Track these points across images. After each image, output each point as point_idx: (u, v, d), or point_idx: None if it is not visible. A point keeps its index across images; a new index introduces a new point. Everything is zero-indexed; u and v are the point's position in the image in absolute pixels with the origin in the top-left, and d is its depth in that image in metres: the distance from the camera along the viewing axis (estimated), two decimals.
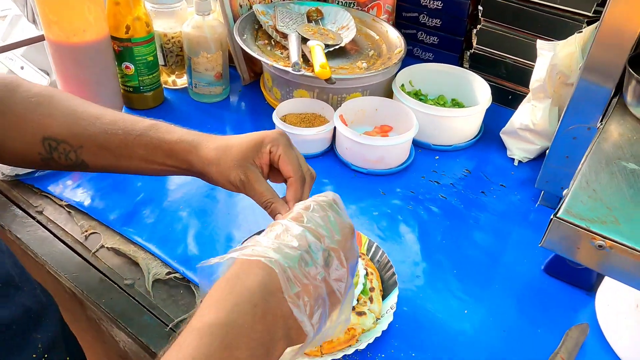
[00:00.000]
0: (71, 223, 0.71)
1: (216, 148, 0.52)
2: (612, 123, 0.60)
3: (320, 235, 0.39)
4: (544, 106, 0.83)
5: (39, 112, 0.55)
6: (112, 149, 0.55)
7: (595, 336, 0.60)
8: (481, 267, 0.69)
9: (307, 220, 0.39)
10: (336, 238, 0.39)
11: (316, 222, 0.39)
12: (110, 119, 0.55)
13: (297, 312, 0.36)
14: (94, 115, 0.55)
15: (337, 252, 0.39)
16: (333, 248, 0.39)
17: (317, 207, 0.41)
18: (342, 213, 0.42)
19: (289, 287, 0.36)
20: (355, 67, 0.94)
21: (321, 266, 0.38)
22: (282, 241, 0.38)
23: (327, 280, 0.38)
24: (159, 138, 0.54)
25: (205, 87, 0.97)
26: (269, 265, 0.36)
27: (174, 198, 0.77)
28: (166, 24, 0.97)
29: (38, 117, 0.55)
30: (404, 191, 0.81)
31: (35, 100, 0.55)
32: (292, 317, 0.36)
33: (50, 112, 0.55)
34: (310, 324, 0.37)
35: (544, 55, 0.80)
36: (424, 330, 0.60)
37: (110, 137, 0.54)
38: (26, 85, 0.57)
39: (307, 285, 0.37)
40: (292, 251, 0.37)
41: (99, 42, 0.82)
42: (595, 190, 0.49)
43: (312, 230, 0.39)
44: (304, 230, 0.38)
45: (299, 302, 0.36)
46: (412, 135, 0.83)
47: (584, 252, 0.46)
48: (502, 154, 0.91)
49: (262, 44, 0.98)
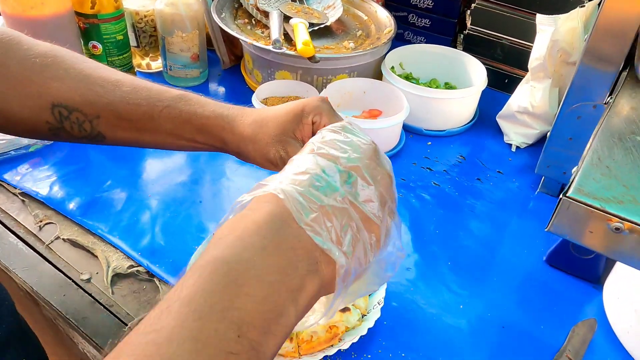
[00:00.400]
0: (24, 213, 0.64)
1: (252, 123, 0.46)
2: (623, 97, 0.54)
3: (334, 157, 0.33)
4: (543, 87, 0.78)
5: (45, 75, 0.47)
6: (134, 121, 0.48)
7: (603, 332, 0.54)
8: (478, 258, 0.63)
9: (317, 147, 0.34)
10: (354, 156, 0.33)
11: (328, 145, 0.34)
12: (130, 87, 0.48)
13: (319, 240, 0.30)
14: (111, 81, 0.48)
15: (358, 169, 0.33)
16: (353, 166, 0.33)
17: (328, 133, 0.35)
18: (358, 133, 0.36)
19: (302, 212, 0.30)
20: (342, 47, 0.88)
21: (340, 187, 0.32)
22: (290, 173, 0.32)
23: (352, 202, 0.32)
24: (189, 111, 0.47)
25: (181, 69, 0.90)
26: (278, 196, 0.31)
27: (143, 184, 0.70)
28: (138, 2, 0.90)
29: (44, 80, 0.47)
30: (395, 178, 0.75)
31: (39, 60, 0.47)
32: (317, 248, 0.30)
33: (59, 74, 0.47)
34: (340, 251, 0.31)
35: (544, 31, 0.75)
36: (415, 328, 0.53)
37: (132, 108, 0.47)
38: (28, 43, 0.49)
39: (325, 208, 0.31)
40: (301, 176, 0.32)
41: (60, 16, 0.75)
42: (609, 167, 0.43)
43: (324, 154, 0.33)
44: (315, 156, 0.33)
45: (320, 228, 0.30)
46: (402, 118, 0.77)
47: (597, 237, 0.40)
48: (498, 140, 0.85)
49: (242, 23, 0.91)
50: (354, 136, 0.35)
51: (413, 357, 0.51)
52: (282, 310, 0.28)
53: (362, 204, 0.32)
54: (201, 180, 0.72)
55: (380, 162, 0.35)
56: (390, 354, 0.51)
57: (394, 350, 0.51)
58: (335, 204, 0.31)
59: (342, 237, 0.31)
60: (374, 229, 0.33)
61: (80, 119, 0.48)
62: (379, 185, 0.33)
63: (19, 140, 0.71)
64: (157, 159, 0.75)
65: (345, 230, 0.31)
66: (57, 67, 0.48)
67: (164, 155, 0.76)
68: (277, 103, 0.82)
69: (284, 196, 0.31)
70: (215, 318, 0.26)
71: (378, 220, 0.33)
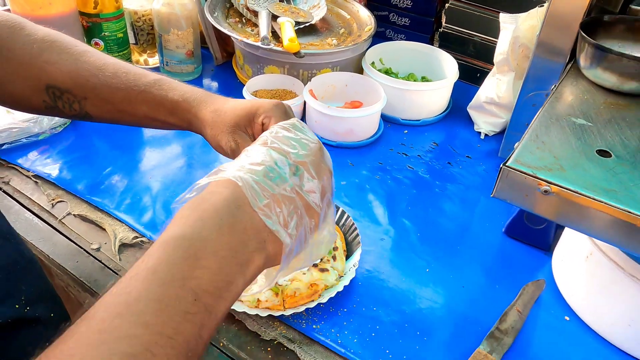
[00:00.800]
0: (38, 192, 0.71)
1: (213, 111, 0.51)
2: (566, 86, 0.62)
3: (285, 152, 0.39)
4: (507, 79, 0.86)
5: (42, 59, 0.53)
6: (115, 103, 0.53)
7: (551, 291, 0.62)
8: (444, 231, 0.71)
9: (270, 142, 0.39)
10: (302, 153, 0.39)
11: (280, 141, 0.39)
12: (112, 72, 0.53)
13: (270, 222, 0.35)
14: (96, 66, 0.53)
15: (304, 164, 0.39)
16: (300, 162, 0.39)
17: (280, 129, 0.41)
18: (306, 131, 0.42)
19: (256, 198, 0.35)
20: (325, 44, 0.96)
21: (290, 178, 0.37)
22: (246, 162, 0.38)
23: (299, 192, 0.37)
24: (161, 96, 0.52)
25: (176, 65, 0.97)
26: (235, 182, 0.35)
27: (144, 169, 0.77)
28: (137, 2, 0.97)
29: (41, 64, 0.53)
30: (373, 162, 0.83)
31: (37, 46, 0.53)
32: (266, 230, 0.35)
33: (53, 59, 0.53)
34: (286, 233, 0.36)
35: (506, 29, 0.82)
36: (386, 287, 0.61)
37: (113, 91, 0.53)
38: (30, 28, 0.55)
39: (276, 195, 0.36)
40: (256, 167, 0.37)
41: (66, 15, 0.82)
42: (544, 142, 0.51)
43: (277, 148, 0.39)
44: (268, 149, 0.39)
45: (270, 213, 0.35)
46: (380, 107, 0.84)
47: (531, 199, 0.48)
48: (469, 128, 0.93)
49: (233, 22, 0.98)
50: (303, 134, 0.41)
51: (383, 310, 0.58)
52: (232, 280, 0.33)
53: (306, 194, 0.38)
54: (196, 164, 0.79)
55: (324, 159, 0.41)
56: (363, 308, 0.58)
57: (367, 305, 0.58)
58: (284, 192, 0.36)
59: (288, 221, 0.36)
60: (314, 215, 0.39)
61: (70, 100, 0.54)
62: (322, 179, 0.39)
63: (29, 129, 0.78)
64: (156, 147, 0.82)
65: (292, 216, 0.37)
66: (52, 51, 0.53)
67: (161, 144, 0.83)
68: (266, 95, 0.89)
69: (242, 183, 0.35)
70: (177, 285, 0.30)
71: (318, 209, 0.39)
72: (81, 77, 0.53)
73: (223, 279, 0.33)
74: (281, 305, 0.56)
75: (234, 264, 0.33)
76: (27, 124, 0.77)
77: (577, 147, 0.51)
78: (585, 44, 0.60)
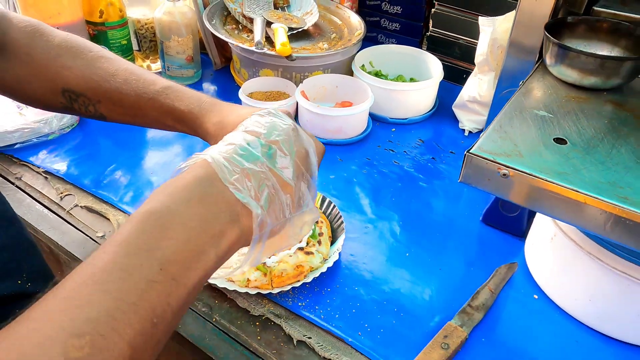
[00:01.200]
0: (48, 187, 0.76)
1: (216, 123, 0.53)
2: (533, 82, 0.67)
3: (258, 133, 0.41)
4: (488, 79, 0.91)
5: (59, 63, 0.57)
6: (126, 108, 0.57)
7: (522, 273, 0.67)
8: (427, 220, 0.75)
9: (245, 127, 0.42)
10: (275, 133, 0.41)
11: (254, 125, 0.42)
12: (124, 78, 0.56)
13: (240, 195, 0.37)
14: (109, 72, 0.57)
15: (276, 143, 0.40)
16: (272, 141, 0.40)
17: (256, 116, 0.44)
18: (280, 116, 0.44)
19: (226, 174, 0.37)
20: (317, 48, 1.01)
21: (261, 156, 0.39)
22: (221, 145, 0.40)
23: (271, 169, 0.39)
24: (168, 105, 0.55)
25: (177, 69, 1.03)
26: (206, 161, 0.37)
27: (146, 166, 0.83)
28: (140, 12, 1.04)
29: (58, 68, 0.57)
30: (360, 158, 0.88)
31: (54, 51, 0.57)
32: (239, 204, 0.37)
33: (69, 63, 0.57)
34: (257, 204, 0.37)
35: (485, 31, 0.87)
36: (367, 270, 0.66)
37: (124, 97, 0.56)
38: (48, 33, 0.58)
39: (246, 170, 0.38)
40: (229, 147, 0.39)
41: (74, 24, 0.88)
42: (507, 131, 0.56)
43: (250, 131, 0.41)
44: (242, 133, 0.41)
45: (241, 187, 0.37)
46: (367, 105, 0.89)
47: (493, 182, 0.52)
48: (454, 126, 0.98)
49: (230, 29, 1.04)
50: (277, 119, 0.43)
51: (364, 289, 0.63)
52: (203, 251, 0.34)
53: (279, 170, 0.40)
54: None
55: (299, 138, 0.43)
56: (346, 288, 0.63)
57: (350, 285, 0.63)
58: (255, 167, 0.38)
59: (259, 194, 0.38)
60: (289, 190, 0.40)
61: (85, 102, 0.58)
62: (295, 157, 0.41)
63: (40, 130, 0.84)
64: (157, 147, 0.88)
65: (262, 190, 0.38)
66: (68, 56, 0.57)
67: (162, 143, 0.88)
68: (261, 97, 0.95)
69: (211, 160, 0.37)
70: (142, 255, 0.32)
71: (292, 183, 0.41)
72: (94, 82, 0.57)
73: (192, 249, 0.34)
74: (269, 285, 0.60)
75: (205, 235, 0.35)
76: (38, 125, 0.83)
77: (536, 136, 0.55)
78: (550, 43, 0.65)
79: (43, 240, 0.69)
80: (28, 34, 0.58)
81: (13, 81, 0.59)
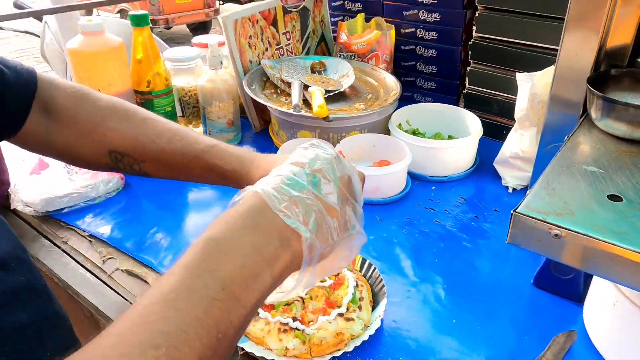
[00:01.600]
0: (91, 250, 0.78)
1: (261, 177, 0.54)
2: (579, 136, 0.64)
3: (302, 163, 0.44)
4: (529, 134, 0.88)
5: (105, 126, 0.61)
6: (170, 166, 0.61)
7: (583, 342, 0.61)
8: (473, 283, 0.71)
9: (290, 159, 0.45)
10: (318, 163, 0.44)
11: (298, 157, 0.45)
12: (168, 138, 0.60)
13: (290, 221, 0.39)
14: (154, 133, 0.61)
15: (320, 171, 0.43)
16: (316, 170, 0.43)
17: (300, 149, 0.47)
18: (324, 146, 0.47)
19: (276, 202, 0.40)
20: (354, 109, 1.02)
21: (307, 184, 0.42)
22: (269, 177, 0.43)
23: (317, 195, 0.42)
24: (212, 164, 0.58)
25: (218, 133, 1.07)
26: (257, 193, 0.41)
27: (185, 229, 0.84)
28: (184, 80, 1.09)
29: (104, 131, 0.61)
30: (400, 218, 0.86)
31: (101, 115, 0.62)
32: (289, 229, 0.39)
33: (115, 126, 0.61)
34: (306, 228, 0.40)
35: (523, 87, 0.86)
36: (412, 337, 0.62)
37: (168, 156, 0.60)
38: (94, 97, 0.63)
39: (293, 198, 0.41)
40: (276, 178, 0.42)
41: (123, 94, 0.93)
42: (555, 188, 0.53)
43: (295, 163, 0.44)
44: (288, 164, 0.44)
45: (290, 213, 0.40)
46: (405, 164, 0.88)
47: (544, 243, 0.49)
48: (497, 183, 0.95)
49: (269, 93, 1.08)
50: (319, 149, 0.46)
51: None
52: (259, 273, 0.37)
53: (324, 196, 0.42)
54: None
55: (341, 166, 0.46)
56: (389, 358, 0.59)
57: (392, 354, 0.59)
58: (301, 195, 0.41)
59: (307, 219, 0.41)
60: (335, 214, 0.43)
61: (130, 162, 0.62)
62: (339, 183, 0.44)
63: (87, 194, 0.87)
64: (198, 209, 0.89)
65: (310, 215, 0.41)
66: (113, 119, 0.61)
67: (203, 205, 0.90)
68: None
69: (261, 191, 0.41)
70: (205, 276, 0.35)
71: (337, 207, 0.43)
72: (139, 143, 0.60)
73: (249, 271, 0.37)
74: (308, 354, 0.58)
75: (259, 259, 0.38)
76: (86, 190, 0.87)
77: (587, 193, 0.52)
78: (594, 97, 0.63)
79: (84, 304, 0.70)
80: (75, 98, 0.62)
81: (61, 144, 0.62)
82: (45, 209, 0.84)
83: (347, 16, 1.29)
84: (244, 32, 1.08)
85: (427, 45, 1.18)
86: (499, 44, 1.00)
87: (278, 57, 1.18)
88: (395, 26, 1.19)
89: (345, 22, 1.24)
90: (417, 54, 1.20)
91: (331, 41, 1.34)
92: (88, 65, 0.88)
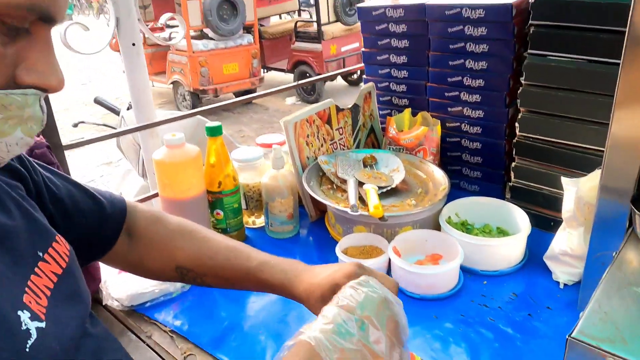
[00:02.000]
0: (173, 346, 0.86)
1: (305, 290, 0.65)
2: (627, 252, 0.69)
3: (352, 308, 0.48)
4: (577, 233, 0.93)
5: (173, 245, 0.74)
6: (227, 280, 0.72)
7: None
8: None
9: (339, 301, 0.50)
10: (367, 308, 0.48)
11: (348, 299, 0.49)
12: (225, 256, 0.71)
13: None
14: (213, 251, 0.72)
15: (369, 318, 0.48)
16: (365, 316, 0.48)
17: (348, 289, 0.51)
18: (373, 286, 0.51)
19: (327, 355, 0.44)
20: (406, 205, 1.10)
21: (356, 332, 0.46)
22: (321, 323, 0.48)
23: (365, 344, 0.46)
24: (263, 279, 0.69)
25: (279, 225, 1.16)
26: (309, 342, 0.45)
27: (253, 323, 0.91)
28: (248, 176, 1.20)
29: (172, 249, 0.73)
30: (455, 315, 0.90)
31: (171, 235, 0.74)
32: None
33: (182, 245, 0.73)
34: None
35: (569, 190, 0.92)
36: None
37: (225, 272, 0.71)
38: (165, 219, 0.76)
39: (344, 349, 0.45)
40: (327, 326, 0.47)
41: (199, 196, 1.04)
42: (607, 312, 0.58)
43: (345, 306, 0.49)
44: (338, 308, 0.49)
45: None
46: (457, 263, 0.94)
47: None
48: (547, 277, 0.98)
49: (326, 189, 1.17)
50: (368, 289, 0.51)
51: None
52: None
53: (372, 344, 0.47)
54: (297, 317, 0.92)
55: (389, 310, 0.50)
56: None
57: None
58: (351, 346, 0.45)
59: None
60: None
61: (194, 276, 0.74)
62: (386, 329, 0.48)
63: (167, 289, 0.97)
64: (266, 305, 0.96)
65: None
66: (181, 239, 0.74)
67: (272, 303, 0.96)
68: (355, 252, 1.03)
69: (314, 343, 0.45)
70: None
71: (384, 356, 0.47)
72: (201, 261, 0.72)
73: None
74: None
75: None
76: (166, 285, 0.96)
77: (638, 318, 0.57)
78: (637, 216, 0.68)
79: None
80: (150, 221, 0.75)
81: (136, 259, 0.75)
82: (131, 303, 0.94)
83: (395, 110, 1.40)
84: (302, 132, 1.20)
85: (471, 138, 1.26)
86: (542, 143, 1.07)
87: (332, 152, 1.28)
88: (440, 121, 1.28)
89: (394, 117, 1.34)
90: (463, 145, 1.28)
91: (380, 132, 1.44)
92: (171, 173, 1.01)
